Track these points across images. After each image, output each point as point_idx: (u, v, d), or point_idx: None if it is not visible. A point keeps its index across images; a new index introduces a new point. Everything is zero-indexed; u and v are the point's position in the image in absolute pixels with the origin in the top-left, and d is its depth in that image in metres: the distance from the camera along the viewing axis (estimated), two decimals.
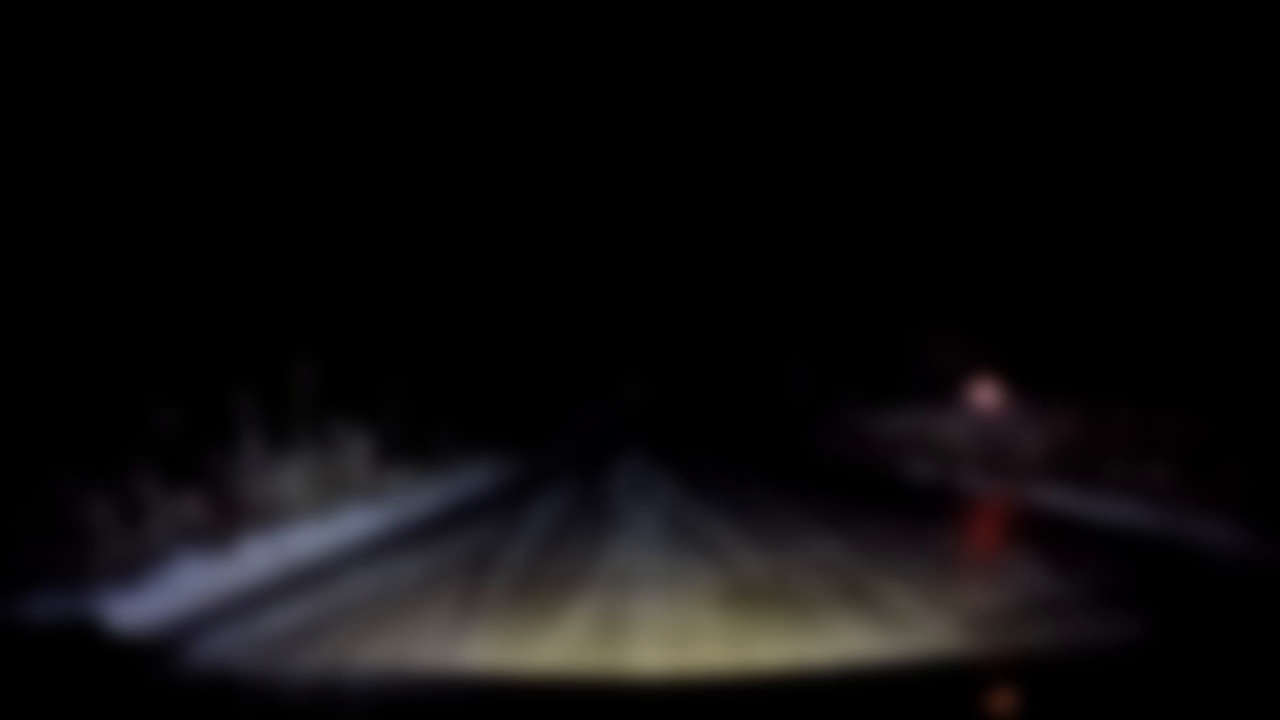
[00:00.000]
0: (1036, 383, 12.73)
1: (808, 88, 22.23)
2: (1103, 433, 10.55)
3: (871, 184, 20.76)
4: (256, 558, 7.13)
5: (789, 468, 14.95)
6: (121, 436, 7.62)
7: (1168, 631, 3.90)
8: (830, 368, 26.01)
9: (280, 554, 7.31)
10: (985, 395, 12.52)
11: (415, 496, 10.45)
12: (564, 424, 27.62)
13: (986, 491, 10.68)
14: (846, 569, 6.02)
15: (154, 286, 8.89)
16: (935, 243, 18.48)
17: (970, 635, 4.50)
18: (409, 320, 14.65)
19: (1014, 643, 4.42)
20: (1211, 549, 6.59)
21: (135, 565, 6.54)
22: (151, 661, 2.48)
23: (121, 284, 8.58)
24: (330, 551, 7.62)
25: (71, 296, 8.23)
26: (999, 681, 2.16)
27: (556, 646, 4.46)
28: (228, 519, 7.94)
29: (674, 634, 4.62)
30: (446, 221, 17.02)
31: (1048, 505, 9.20)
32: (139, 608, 5.43)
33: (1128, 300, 12.39)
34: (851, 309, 23.66)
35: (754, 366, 33.61)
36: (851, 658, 4.09)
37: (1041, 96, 13.98)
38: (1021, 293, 15.15)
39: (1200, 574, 6.04)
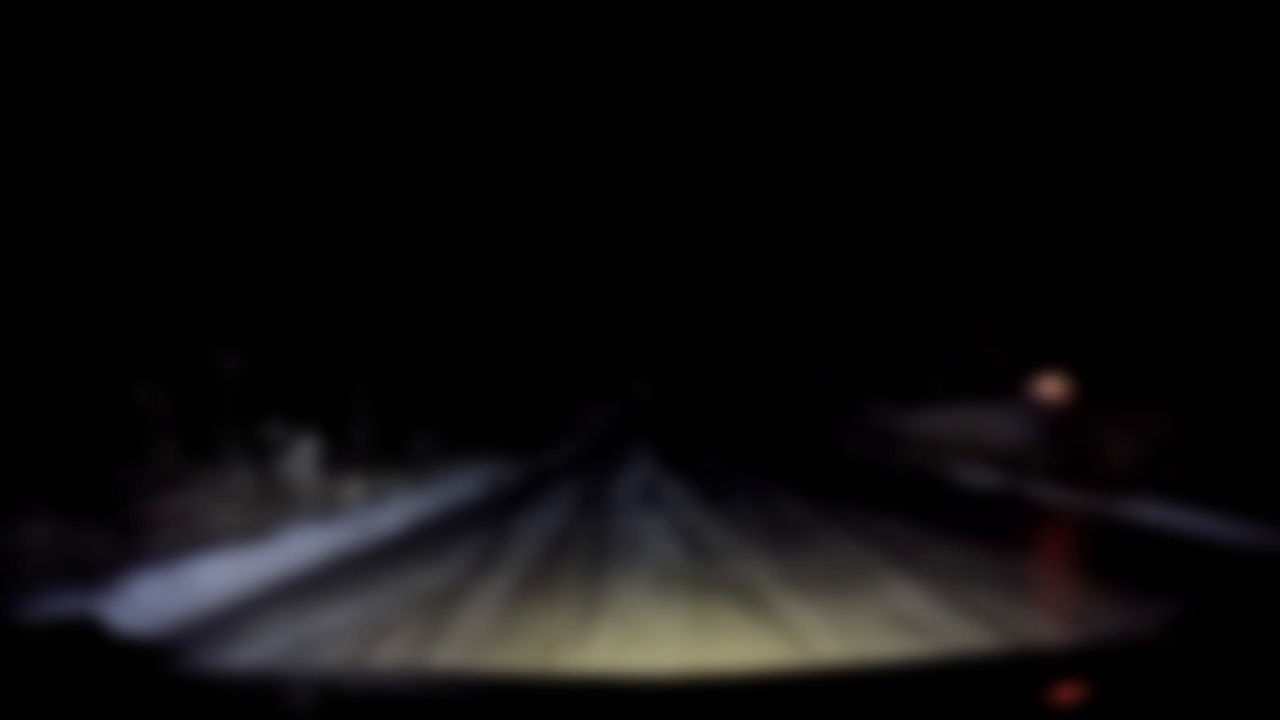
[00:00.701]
0: (1103, 377, 10.94)
1: (819, 73, 21.11)
2: (1206, 435, 8.79)
3: (892, 177, 19.18)
4: (142, 600, 5.39)
5: (819, 475, 13.13)
6: None
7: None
8: (847, 364, 24.61)
9: (176, 594, 5.57)
10: (1052, 390, 10.67)
11: (376, 513, 8.62)
12: (565, 425, 26.04)
13: (1071, 506, 8.81)
14: (945, 635, 4.25)
15: (44, 257, 7.16)
16: (960, 234, 16.85)
17: None
18: (396, 315, 12.95)
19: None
20: None
21: None
22: (156, 661, 2.01)
23: None
24: (247, 589, 5.88)
25: None
26: (1014, 681, 1.87)
27: None
28: (123, 547, 6.27)
29: None
30: (445, 218, 15.46)
31: (1162, 525, 7.36)
32: None
33: (1218, 283, 10.58)
34: (869, 303, 22.20)
35: (767, 364, 32.21)
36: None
37: (1095, 79, 12.24)
38: (1074, 278, 13.35)
39: None
